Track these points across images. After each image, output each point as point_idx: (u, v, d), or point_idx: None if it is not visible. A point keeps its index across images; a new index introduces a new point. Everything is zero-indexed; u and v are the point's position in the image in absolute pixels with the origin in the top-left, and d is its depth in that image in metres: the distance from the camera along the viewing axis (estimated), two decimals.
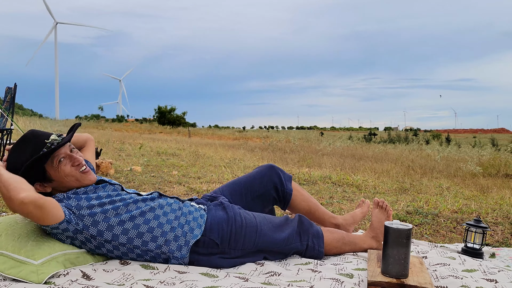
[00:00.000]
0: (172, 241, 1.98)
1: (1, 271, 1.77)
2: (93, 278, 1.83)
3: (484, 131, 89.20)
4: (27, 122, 19.27)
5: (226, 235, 2.03)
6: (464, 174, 7.87)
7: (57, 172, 1.89)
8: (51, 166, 1.89)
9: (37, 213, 1.71)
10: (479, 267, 2.13)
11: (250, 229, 2.05)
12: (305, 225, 2.18)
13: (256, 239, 2.05)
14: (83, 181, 1.95)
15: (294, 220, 2.20)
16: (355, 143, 19.05)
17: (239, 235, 2.03)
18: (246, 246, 2.05)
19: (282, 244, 2.11)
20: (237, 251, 2.04)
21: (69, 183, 1.93)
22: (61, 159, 1.90)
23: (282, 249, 2.12)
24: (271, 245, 2.09)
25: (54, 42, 61.44)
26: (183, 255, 1.98)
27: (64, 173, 1.90)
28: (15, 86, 4.97)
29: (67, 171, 1.90)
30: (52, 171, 1.90)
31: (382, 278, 1.81)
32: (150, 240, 1.96)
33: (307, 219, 2.22)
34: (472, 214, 3.75)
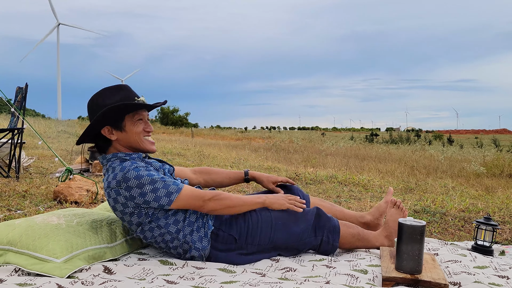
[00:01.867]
0: (195, 232, 2.04)
1: (24, 267, 1.82)
2: (114, 272, 1.87)
3: (486, 131, 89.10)
4: (31, 122, 19.32)
5: (244, 231, 2.07)
6: (468, 174, 7.90)
7: (131, 126, 2.04)
8: (130, 118, 2.04)
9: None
10: (490, 264, 2.17)
11: (266, 224, 2.09)
12: (322, 220, 2.19)
13: (271, 234, 2.09)
14: (144, 145, 2.08)
15: (310, 213, 2.19)
16: (358, 144, 19.07)
17: (255, 230, 2.08)
18: (262, 242, 2.09)
19: (297, 239, 2.14)
20: (253, 246, 2.08)
21: (132, 141, 2.06)
22: (141, 119, 2.06)
23: (297, 244, 2.16)
24: (286, 240, 2.12)
25: (57, 43, 61.48)
26: (204, 246, 2.04)
27: (135, 130, 2.04)
28: (26, 86, 5.02)
29: (138, 130, 2.05)
30: (128, 123, 2.04)
31: (396, 274, 1.85)
32: (181, 229, 2.03)
33: (325, 213, 2.23)
34: (479, 213, 3.79)
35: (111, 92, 2.02)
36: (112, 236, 2.17)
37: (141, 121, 2.06)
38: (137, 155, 2.07)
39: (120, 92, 2.03)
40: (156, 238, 2.05)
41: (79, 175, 4.02)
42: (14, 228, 1.98)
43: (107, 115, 1.98)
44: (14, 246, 1.90)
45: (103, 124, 2.02)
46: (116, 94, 2.02)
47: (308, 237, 2.16)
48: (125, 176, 1.92)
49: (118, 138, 2.05)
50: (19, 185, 4.31)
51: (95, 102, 2.03)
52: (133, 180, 1.91)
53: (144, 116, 2.08)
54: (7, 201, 3.58)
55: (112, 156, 2.05)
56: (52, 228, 2.00)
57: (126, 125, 2.03)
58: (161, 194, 1.92)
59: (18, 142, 5.03)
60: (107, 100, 2.00)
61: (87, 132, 2.04)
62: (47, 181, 4.68)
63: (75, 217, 2.18)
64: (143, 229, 2.04)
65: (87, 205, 3.61)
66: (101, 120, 1.99)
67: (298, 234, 2.14)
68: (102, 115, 1.96)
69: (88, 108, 2.07)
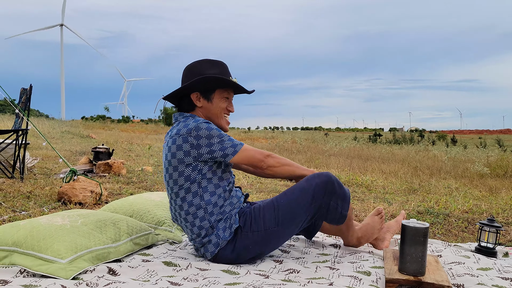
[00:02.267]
0: (223, 221, 2.09)
1: (29, 268, 1.83)
2: (119, 273, 1.88)
3: (490, 132, 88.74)
4: (35, 122, 19.39)
5: (248, 219, 2.10)
6: (471, 175, 7.87)
7: (217, 100, 2.16)
8: (220, 92, 2.16)
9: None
10: (493, 266, 2.17)
11: (268, 208, 2.11)
12: (330, 186, 2.10)
13: (276, 214, 2.09)
14: (222, 121, 2.20)
15: (317, 178, 2.11)
16: (361, 144, 19.03)
17: (258, 217, 2.10)
18: (268, 225, 2.08)
19: (303, 209, 2.08)
20: (260, 232, 2.08)
21: (213, 114, 2.17)
22: (227, 97, 2.19)
23: (303, 215, 2.10)
24: (292, 215, 2.09)
25: (60, 43, 61.67)
26: (225, 237, 2.07)
27: (220, 105, 2.17)
28: (31, 87, 5.04)
29: (222, 106, 2.17)
30: (216, 96, 2.16)
31: (399, 276, 1.86)
32: (216, 212, 2.08)
33: (338, 180, 2.14)
34: (483, 214, 3.79)
35: (211, 64, 2.16)
36: (117, 234, 2.18)
37: (227, 99, 2.19)
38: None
39: (219, 67, 2.16)
40: (190, 208, 2.09)
41: (83, 176, 4.04)
42: (19, 229, 1.99)
43: (203, 83, 2.10)
44: (19, 247, 1.92)
45: (196, 89, 2.14)
46: (215, 67, 2.15)
47: (315, 202, 2.09)
48: (197, 125, 2.03)
49: (202, 106, 2.17)
50: (24, 186, 4.33)
51: (194, 68, 2.16)
52: (204, 130, 2.02)
53: (231, 96, 2.21)
54: (12, 202, 3.60)
55: (191, 115, 2.16)
56: (56, 228, 2.01)
57: (214, 98, 2.16)
58: (227, 145, 2.03)
59: (23, 143, 5.06)
60: (206, 70, 2.13)
61: (178, 92, 2.16)
62: (51, 182, 4.70)
63: (80, 217, 2.20)
64: (188, 190, 2.07)
65: (91, 206, 3.63)
66: (196, 85, 2.11)
67: (304, 205, 2.08)
68: (198, 81, 2.08)
69: (185, 71, 2.19)
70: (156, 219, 2.58)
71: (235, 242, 2.08)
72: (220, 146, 2.02)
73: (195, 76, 2.12)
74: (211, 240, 2.09)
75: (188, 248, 2.40)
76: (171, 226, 2.59)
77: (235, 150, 2.03)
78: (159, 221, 2.57)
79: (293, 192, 2.11)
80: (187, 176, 2.06)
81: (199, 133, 2.01)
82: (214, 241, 2.08)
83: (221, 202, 2.09)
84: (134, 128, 31.82)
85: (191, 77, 2.13)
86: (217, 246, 2.08)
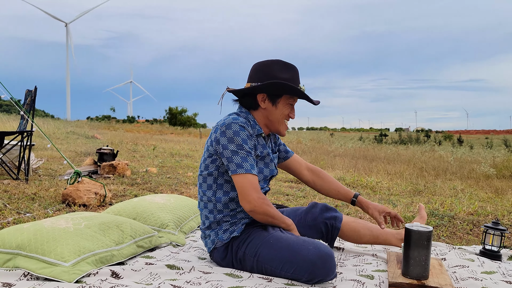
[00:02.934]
0: (226, 222, 2.09)
1: (32, 271, 1.84)
2: (122, 277, 1.89)
3: (497, 132, 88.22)
4: (40, 122, 19.47)
5: (250, 238, 2.06)
6: (477, 176, 7.84)
7: (282, 106, 2.13)
8: (286, 98, 2.13)
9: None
10: (498, 269, 2.16)
11: (265, 245, 2.00)
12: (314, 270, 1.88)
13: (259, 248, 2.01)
14: (280, 126, 2.17)
15: (311, 253, 1.89)
16: (367, 144, 18.99)
17: (254, 243, 2.03)
18: (259, 258, 2.00)
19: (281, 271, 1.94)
20: (250, 257, 2.02)
21: (274, 118, 2.14)
22: (292, 104, 2.16)
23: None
24: (272, 270, 1.97)
25: (66, 44, 61.94)
26: (222, 238, 2.07)
27: (283, 111, 2.13)
28: (35, 89, 5.06)
29: (285, 112, 2.14)
30: (281, 102, 2.12)
31: (403, 280, 1.85)
32: (223, 211, 2.08)
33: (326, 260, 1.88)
34: (488, 217, 3.77)
35: (284, 67, 2.12)
36: (120, 237, 2.19)
37: (291, 106, 2.16)
38: (258, 129, 2.13)
39: (291, 72, 2.12)
40: (203, 197, 2.13)
41: (87, 177, 4.05)
42: (23, 232, 2.00)
43: (273, 87, 2.07)
44: (23, 250, 1.92)
45: (264, 91, 2.11)
46: (288, 71, 2.11)
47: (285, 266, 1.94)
48: (230, 124, 2.02)
49: (266, 108, 2.14)
50: (28, 188, 4.35)
51: (265, 67, 2.12)
52: (231, 131, 2.00)
53: (295, 102, 2.18)
54: (17, 203, 3.62)
55: (240, 112, 2.16)
56: (60, 231, 2.02)
57: (280, 103, 2.12)
58: (235, 160, 1.98)
59: (27, 144, 5.08)
60: (278, 73, 2.09)
61: (246, 90, 2.12)
62: (56, 184, 4.71)
63: (83, 220, 2.20)
64: (205, 180, 2.11)
65: (95, 208, 3.63)
66: (265, 87, 2.08)
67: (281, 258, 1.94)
68: (270, 85, 2.06)
69: (256, 68, 2.15)
70: (160, 222, 2.58)
71: (228, 250, 2.07)
72: (229, 155, 1.99)
73: (266, 76, 2.08)
74: (210, 235, 2.11)
75: (192, 250, 2.41)
76: (174, 229, 2.59)
77: (235, 170, 1.97)
78: (163, 224, 2.58)
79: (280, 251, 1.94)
80: (207, 165, 2.09)
81: (225, 131, 2.00)
82: (212, 237, 2.11)
83: (233, 206, 2.08)
84: (139, 128, 31.91)
85: (262, 76, 2.10)
86: (213, 244, 2.10)
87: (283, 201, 4.35)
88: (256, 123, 2.13)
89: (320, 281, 1.88)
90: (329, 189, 2.38)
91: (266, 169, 2.15)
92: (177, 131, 31.81)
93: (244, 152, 1.99)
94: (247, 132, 2.02)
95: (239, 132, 2.00)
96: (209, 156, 2.08)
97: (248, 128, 2.04)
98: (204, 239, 2.17)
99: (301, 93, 2.08)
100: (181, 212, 2.78)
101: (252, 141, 2.06)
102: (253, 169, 1.98)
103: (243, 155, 1.98)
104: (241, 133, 2.00)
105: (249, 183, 1.96)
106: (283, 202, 4.26)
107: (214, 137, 2.05)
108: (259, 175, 2.11)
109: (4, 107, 49.68)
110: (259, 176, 2.11)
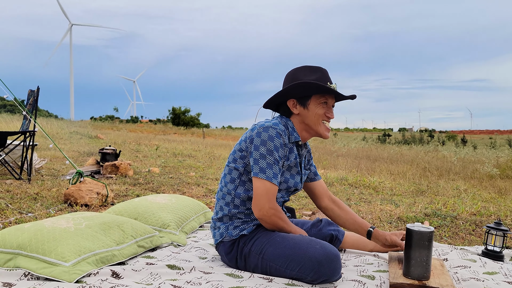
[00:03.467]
0: (239, 219, 2.09)
1: (33, 271, 1.84)
2: (122, 277, 1.89)
3: (501, 132, 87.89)
4: (44, 123, 19.51)
5: (256, 237, 2.06)
6: (481, 176, 7.81)
7: (313, 106, 2.09)
8: (316, 99, 2.09)
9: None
10: (500, 270, 2.15)
11: (271, 242, 2.00)
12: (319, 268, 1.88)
13: (265, 244, 2.02)
14: (320, 128, 2.12)
15: (317, 253, 1.89)
16: (370, 144, 18.96)
17: (261, 243, 2.04)
18: (265, 256, 2.01)
19: (286, 270, 1.94)
20: (256, 256, 2.03)
21: (310, 121, 2.11)
22: (325, 102, 2.10)
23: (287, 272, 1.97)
24: (274, 257, 1.98)
25: (69, 44, 62.12)
26: (231, 234, 2.07)
27: (317, 111, 2.09)
28: (38, 89, 5.07)
29: (319, 112, 2.09)
30: (312, 103, 2.09)
31: (404, 280, 1.84)
32: (240, 206, 2.08)
33: (331, 261, 1.88)
34: (491, 217, 3.75)
35: (310, 71, 2.11)
36: (121, 237, 2.18)
37: (325, 105, 2.11)
38: (295, 136, 2.11)
39: (317, 73, 2.10)
40: (224, 188, 2.13)
41: (89, 177, 4.05)
42: (24, 232, 2.00)
43: (297, 89, 2.06)
44: (23, 250, 1.92)
45: (291, 96, 2.11)
46: (314, 73, 2.10)
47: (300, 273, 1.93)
48: (268, 127, 2.01)
49: (299, 113, 2.12)
50: (31, 188, 4.36)
51: (293, 74, 2.12)
52: (266, 135, 1.99)
53: (330, 102, 2.12)
54: (19, 203, 3.62)
55: (282, 118, 2.15)
56: (61, 231, 2.02)
57: (310, 104, 2.09)
58: (260, 164, 1.97)
59: (30, 144, 5.09)
60: (304, 77, 2.08)
61: (274, 98, 2.14)
62: (58, 183, 4.72)
63: (84, 220, 2.20)
64: (230, 172, 2.11)
65: (97, 208, 3.64)
66: (290, 92, 2.08)
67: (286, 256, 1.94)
68: (292, 87, 2.05)
69: (285, 78, 2.15)
70: (161, 222, 2.58)
71: (235, 245, 2.07)
72: (257, 157, 1.98)
73: (294, 81, 2.08)
74: (220, 227, 2.11)
75: (193, 250, 2.40)
76: (175, 229, 2.59)
77: (256, 173, 1.97)
78: (164, 224, 2.58)
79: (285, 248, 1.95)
80: (235, 159, 2.09)
81: (261, 133, 2.00)
82: (222, 230, 2.11)
83: (250, 205, 2.08)
84: (143, 128, 31.95)
85: (290, 82, 2.10)
86: (221, 237, 2.10)
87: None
88: (294, 130, 2.11)
89: (324, 281, 1.87)
90: (346, 218, 2.28)
91: (291, 180, 2.12)
92: (180, 131, 31.83)
93: (272, 159, 1.98)
94: (281, 140, 2.01)
95: (273, 138, 1.99)
96: (240, 150, 2.08)
97: (285, 137, 2.03)
98: (213, 230, 2.16)
99: (328, 89, 2.05)
100: (183, 212, 2.78)
101: (285, 151, 2.04)
102: (275, 179, 1.97)
103: (270, 161, 1.97)
104: (276, 139, 1.99)
105: (265, 190, 1.96)
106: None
107: (249, 134, 2.05)
108: (283, 184, 2.09)
109: (8, 107, 49.86)
110: (283, 185, 2.09)
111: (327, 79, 2.10)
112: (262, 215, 1.97)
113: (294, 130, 2.11)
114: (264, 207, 1.96)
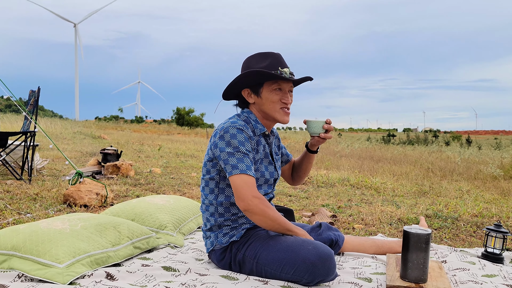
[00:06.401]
0: (227, 226, 2.07)
1: (27, 272, 1.83)
2: (117, 278, 1.87)
3: (506, 132, 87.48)
4: (48, 123, 19.57)
5: (249, 241, 2.04)
6: (484, 177, 7.76)
7: (266, 94, 2.06)
8: (268, 86, 2.06)
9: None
10: (499, 272, 2.12)
11: (265, 247, 1.99)
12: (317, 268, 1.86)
13: (259, 249, 2.00)
14: (277, 114, 2.08)
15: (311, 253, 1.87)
16: (374, 145, 18.89)
17: (255, 246, 2.02)
18: (259, 260, 1.99)
19: (282, 273, 1.92)
20: (251, 260, 2.01)
21: (266, 108, 2.08)
22: (278, 89, 2.06)
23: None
24: (268, 260, 1.96)
25: (74, 44, 62.33)
26: (221, 242, 2.06)
27: (271, 99, 2.06)
28: (39, 90, 5.08)
29: (274, 99, 2.05)
30: (265, 91, 2.06)
31: (401, 283, 1.82)
32: (224, 214, 2.07)
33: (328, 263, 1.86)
34: (493, 218, 3.72)
35: (261, 57, 2.08)
36: (117, 238, 2.17)
37: (279, 91, 2.07)
38: (260, 128, 2.10)
39: (268, 59, 2.07)
40: (205, 200, 2.12)
41: (90, 178, 4.05)
42: (18, 234, 1.99)
43: (247, 79, 2.04)
44: (18, 251, 1.91)
45: (244, 86, 2.09)
46: (265, 60, 2.06)
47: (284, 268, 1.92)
48: (227, 127, 1.99)
49: (255, 102, 2.10)
50: (31, 188, 4.36)
51: (247, 63, 2.11)
52: (228, 134, 1.97)
53: (284, 87, 2.07)
54: (18, 204, 3.62)
55: (239, 114, 2.15)
56: (56, 233, 2.01)
57: (263, 92, 2.07)
58: (231, 162, 1.94)
59: (31, 145, 5.09)
60: (255, 65, 2.06)
61: (228, 89, 2.11)
62: (58, 184, 4.72)
63: (80, 221, 2.19)
64: (207, 184, 2.09)
65: (96, 209, 3.63)
66: (241, 82, 2.06)
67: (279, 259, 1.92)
68: (242, 77, 2.04)
69: (242, 67, 2.14)
70: (158, 223, 2.57)
71: (227, 252, 2.06)
72: (226, 158, 1.95)
73: (249, 69, 2.07)
74: (211, 236, 2.10)
75: (190, 252, 2.39)
76: (173, 230, 2.57)
77: (230, 172, 1.93)
78: (161, 225, 2.56)
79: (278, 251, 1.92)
80: (208, 170, 2.08)
81: (223, 135, 1.97)
82: (212, 239, 2.10)
83: (235, 210, 2.06)
84: (147, 128, 32.00)
85: (243, 71, 2.10)
86: (212, 245, 2.09)
87: (285, 202, 4.33)
88: (258, 122, 2.10)
89: (320, 282, 1.86)
90: (296, 165, 2.39)
91: (266, 172, 2.11)
92: (184, 131, 31.87)
93: (240, 154, 1.95)
94: (244, 135, 1.99)
95: (236, 135, 1.97)
96: (209, 160, 2.06)
97: (247, 131, 2.00)
98: (205, 239, 2.16)
99: (274, 75, 1.99)
100: (180, 213, 2.76)
101: (252, 143, 2.02)
102: (249, 170, 1.94)
103: (239, 157, 1.95)
104: (238, 135, 1.97)
105: (244, 181, 1.92)
106: (285, 203, 4.24)
107: (213, 141, 2.02)
108: (261, 179, 2.08)
109: (14, 107, 50.06)
110: (261, 179, 2.08)
111: (279, 64, 2.06)
112: (247, 206, 1.90)
113: (258, 122, 2.10)
114: (247, 196, 1.90)
